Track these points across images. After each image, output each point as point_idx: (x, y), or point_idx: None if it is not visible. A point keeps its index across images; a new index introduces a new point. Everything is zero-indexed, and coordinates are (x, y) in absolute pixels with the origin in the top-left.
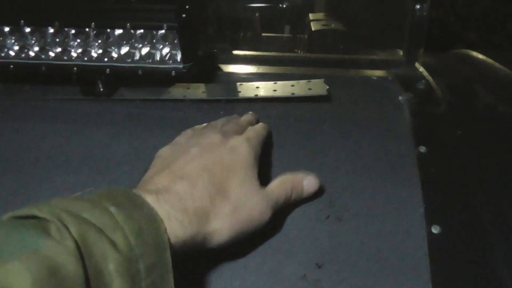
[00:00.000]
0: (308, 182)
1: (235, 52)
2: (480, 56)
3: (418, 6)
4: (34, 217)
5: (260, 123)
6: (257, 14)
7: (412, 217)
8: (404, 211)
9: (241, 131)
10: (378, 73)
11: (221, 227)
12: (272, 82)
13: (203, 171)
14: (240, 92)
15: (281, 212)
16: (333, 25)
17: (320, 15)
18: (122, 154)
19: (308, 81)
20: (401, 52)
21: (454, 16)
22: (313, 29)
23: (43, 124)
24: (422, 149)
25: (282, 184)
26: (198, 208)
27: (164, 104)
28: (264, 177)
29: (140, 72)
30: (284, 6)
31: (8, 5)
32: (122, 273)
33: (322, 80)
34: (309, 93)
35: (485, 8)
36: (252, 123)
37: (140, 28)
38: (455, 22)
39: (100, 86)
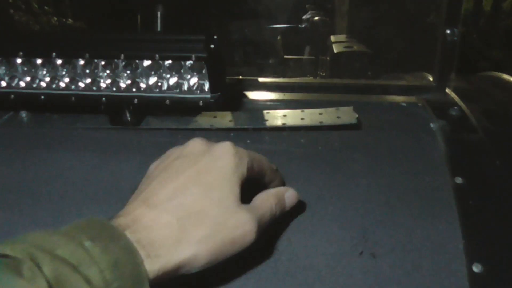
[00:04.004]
0: (290, 195)
1: (261, 79)
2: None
3: (448, 31)
4: (7, 255)
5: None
6: (279, 37)
7: (451, 254)
8: (443, 247)
9: None
10: (407, 99)
11: (196, 253)
12: (299, 110)
13: (174, 194)
14: (267, 120)
15: (311, 246)
16: (355, 47)
17: (342, 37)
18: None
19: (336, 109)
20: (429, 77)
21: (477, 34)
22: (335, 51)
23: (71, 153)
24: (459, 180)
25: (266, 200)
26: (166, 237)
27: (191, 133)
28: None
29: (167, 102)
30: (303, 26)
31: (41, 38)
32: None
33: (351, 108)
34: (338, 121)
35: (510, 25)
36: None
37: (168, 59)
38: (478, 41)
39: (128, 115)
